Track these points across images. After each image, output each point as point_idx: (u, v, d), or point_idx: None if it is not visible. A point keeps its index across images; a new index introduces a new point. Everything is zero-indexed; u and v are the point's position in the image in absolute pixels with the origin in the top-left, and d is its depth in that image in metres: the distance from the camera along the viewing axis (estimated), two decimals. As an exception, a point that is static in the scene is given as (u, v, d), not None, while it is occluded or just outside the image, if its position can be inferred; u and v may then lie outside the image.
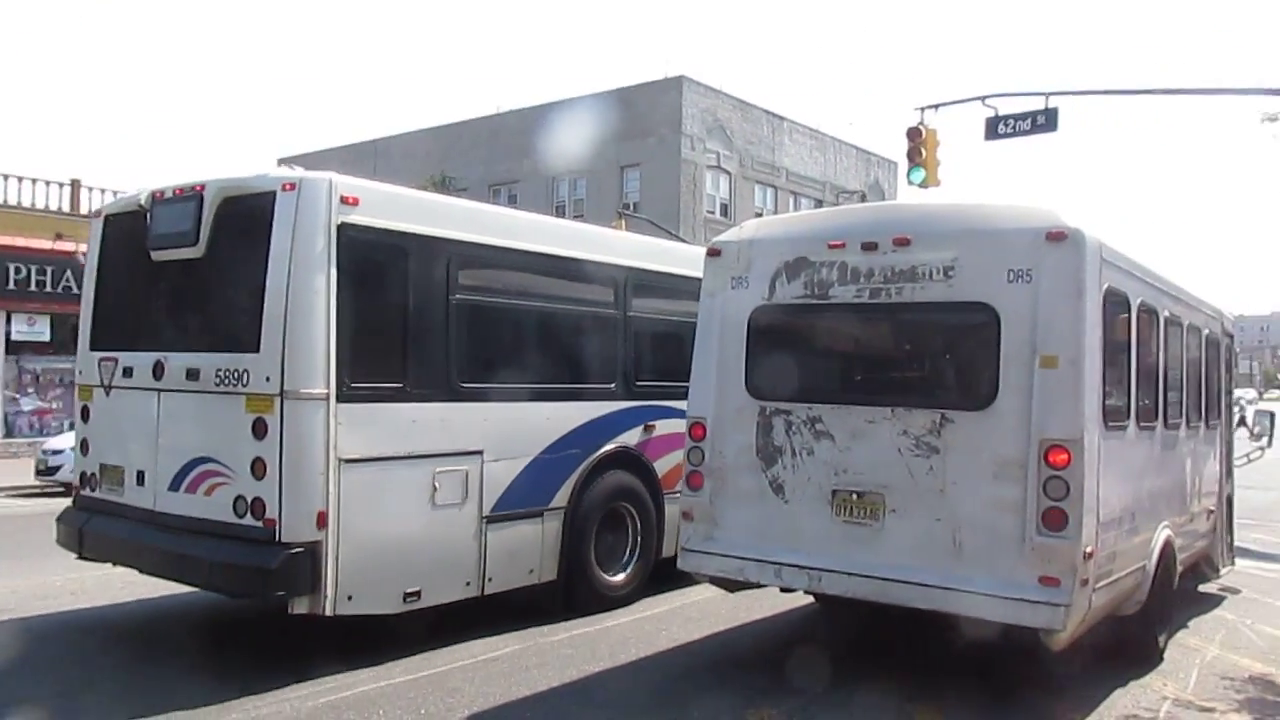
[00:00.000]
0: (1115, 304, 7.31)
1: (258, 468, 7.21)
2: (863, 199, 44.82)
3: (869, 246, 7.40)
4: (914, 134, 19.21)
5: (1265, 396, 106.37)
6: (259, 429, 7.19)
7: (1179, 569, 8.97)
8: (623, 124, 38.37)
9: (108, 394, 8.46)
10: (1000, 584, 6.66)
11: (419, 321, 7.99)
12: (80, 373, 8.78)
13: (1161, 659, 8.42)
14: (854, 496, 7.30)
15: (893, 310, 7.35)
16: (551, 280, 9.26)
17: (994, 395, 6.84)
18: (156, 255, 8.12)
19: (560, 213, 39.30)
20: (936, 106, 19.18)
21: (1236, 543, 12.30)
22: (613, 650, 8.21)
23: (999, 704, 7.18)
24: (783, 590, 8.15)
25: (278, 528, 7.16)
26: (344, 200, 7.44)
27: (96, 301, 8.83)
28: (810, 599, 9.46)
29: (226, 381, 7.40)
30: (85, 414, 8.73)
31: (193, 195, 7.82)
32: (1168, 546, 8.36)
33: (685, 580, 8.63)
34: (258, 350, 7.24)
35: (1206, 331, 10.37)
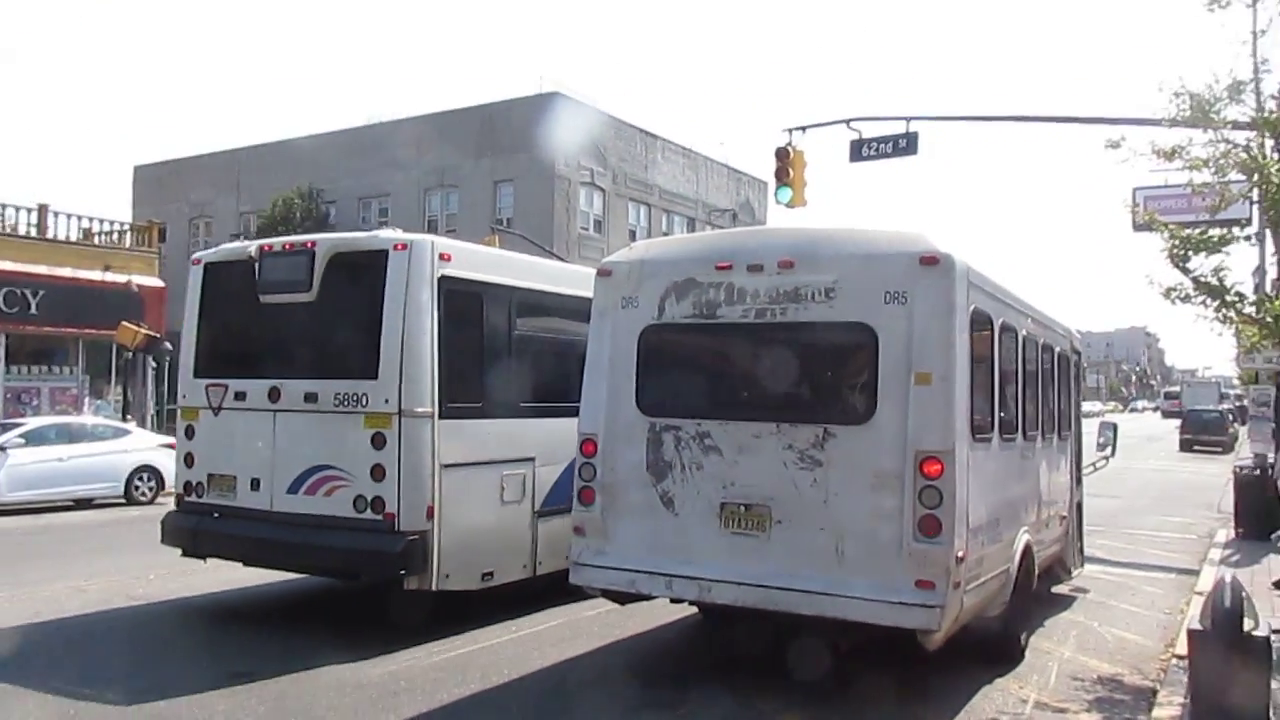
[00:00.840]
0: (980, 324, 7.84)
1: (376, 472, 8.96)
2: (734, 218, 45.79)
3: (755, 268, 7.74)
4: (782, 154, 19.77)
5: (1116, 409, 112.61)
6: (378, 441, 8.98)
7: (1037, 571, 9.59)
8: (496, 138, 38.38)
9: (216, 414, 9.99)
10: (880, 588, 7.05)
11: (492, 352, 9.89)
12: (184, 396, 10.32)
13: (1023, 656, 8.98)
14: (742, 509, 7.60)
15: (778, 329, 7.71)
16: (584, 317, 10.45)
17: (873, 410, 7.25)
18: (266, 299, 9.77)
19: (432, 227, 38.98)
20: (804, 128, 19.79)
21: (1085, 548, 13.16)
22: (484, 673, 8.28)
23: (868, 709, 7.50)
24: (673, 601, 8.40)
25: (396, 520, 8.91)
26: (441, 257, 9.33)
27: (199, 336, 10.38)
28: (685, 614, 9.67)
29: (346, 403, 9.16)
30: (190, 432, 10.21)
31: (304, 250, 9.62)
32: (1028, 550, 8.98)
33: (575, 596, 8.79)
34: (376, 377, 9.03)
35: (1058, 349, 11.15)
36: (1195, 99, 10.42)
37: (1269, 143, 11.29)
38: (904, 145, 18.67)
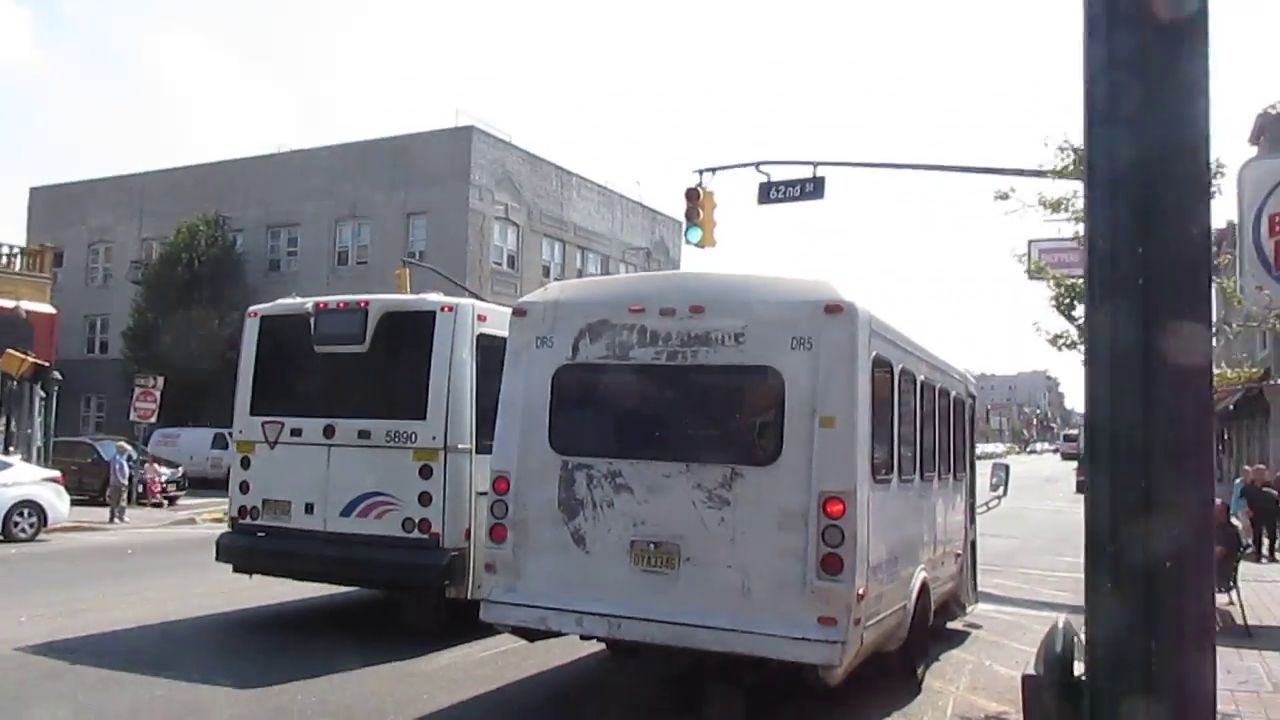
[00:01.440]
0: (882, 369, 8.21)
1: (424, 498, 10.54)
2: (648, 256, 46.27)
3: (667, 312, 8.00)
4: (692, 195, 20.05)
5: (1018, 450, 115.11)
6: (425, 472, 10.57)
7: (934, 607, 9.98)
8: (410, 170, 38.24)
9: (273, 448, 11.49)
10: (785, 625, 7.29)
11: None
12: (240, 432, 11.82)
13: (919, 691, 9.28)
14: (651, 547, 7.79)
15: (688, 372, 7.96)
16: None
17: (779, 451, 7.53)
18: (320, 349, 11.29)
19: (342, 259, 38.58)
20: (714, 170, 20.18)
21: (982, 586, 13.66)
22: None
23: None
24: (583, 638, 8.52)
25: (440, 539, 10.47)
26: (479, 318, 11.03)
27: (255, 379, 11.82)
28: (580, 655, 9.85)
29: (397, 439, 10.74)
30: (246, 463, 11.64)
31: (358, 309, 11.23)
32: (925, 587, 9.34)
33: (482, 631, 8.85)
34: (425, 418, 10.65)
35: (954, 393, 11.66)
36: (1078, 152, 11.05)
37: None
38: (810, 189, 19.22)
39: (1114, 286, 2.91)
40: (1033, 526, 27.33)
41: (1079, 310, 10.80)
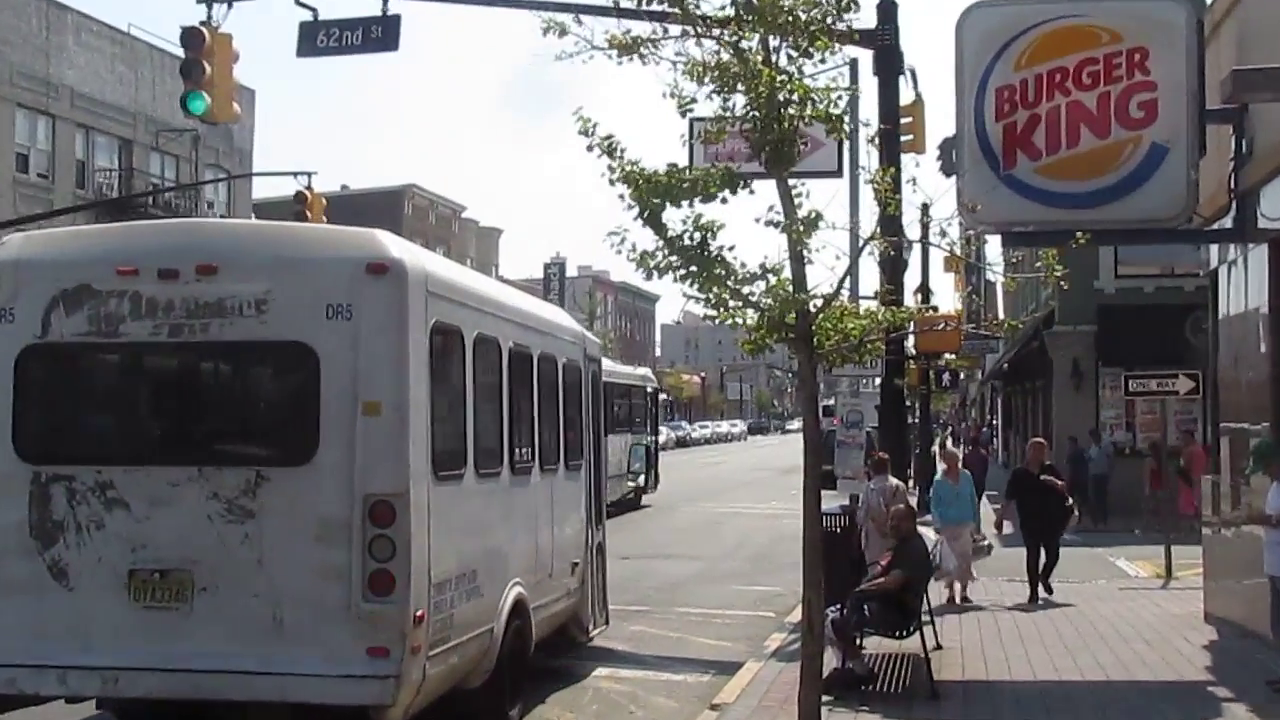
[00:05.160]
0: (447, 339, 8.73)
1: None
2: (197, 141, 40.21)
3: (168, 274, 8.05)
4: (194, 39, 16.00)
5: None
6: None
7: (536, 633, 10.56)
8: None
9: None
10: (327, 662, 7.65)
11: None
12: None
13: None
14: (156, 576, 7.86)
15: (198, 351, 8.12)
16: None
17: (314, 448, 7.86)
18: None
19: None
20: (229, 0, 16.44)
21: (611, 638, 13.38)
22: None
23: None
24: (68, 701, 8.51)
25: None
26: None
27: None
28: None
29: None
30: None
31: None
32: (520, 606, 9.92)
33: None
34: None
35: (563, 359, 12.10)
36: None
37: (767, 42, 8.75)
38: (378, 35, 16.17)
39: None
40: (732, 542, 26.08)
41: (672, 215, 8.67)
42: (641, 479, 16.10)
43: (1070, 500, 17.71)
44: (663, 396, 53.86)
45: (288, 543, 7.69)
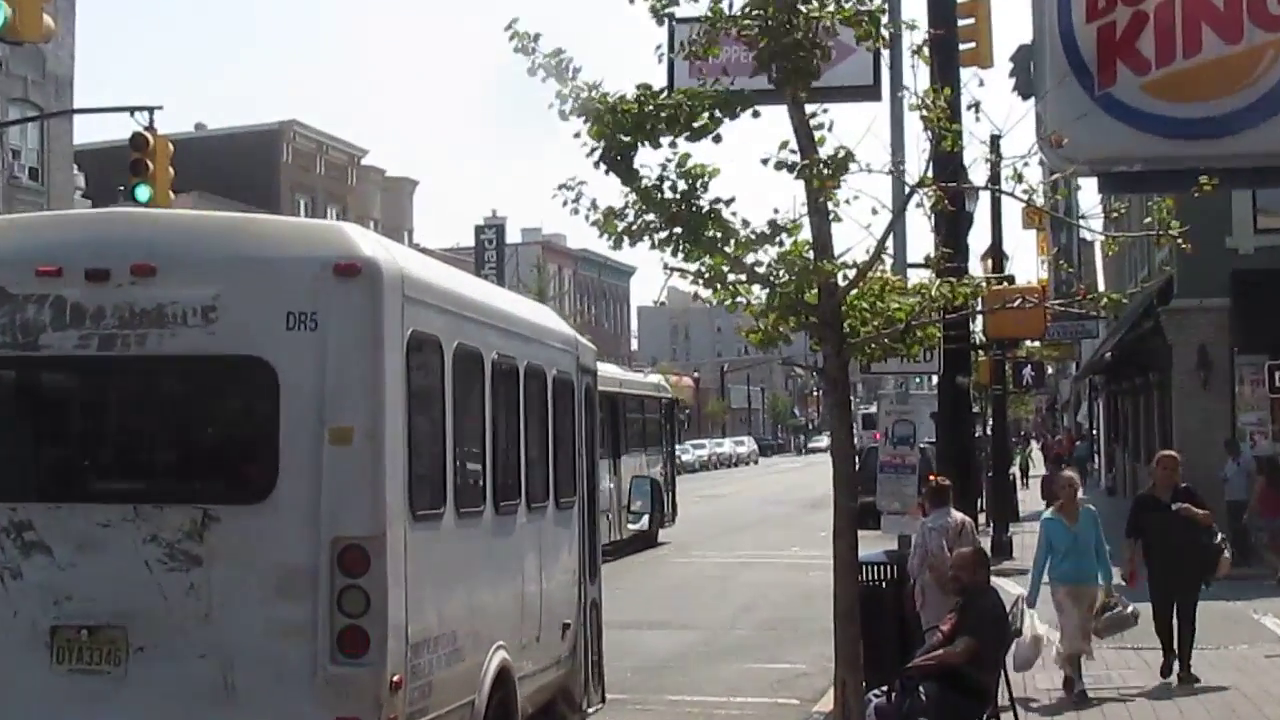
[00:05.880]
0: (426, 352, 8.05)
1: None
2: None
3: (97, 275, 7.40)
4: None
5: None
6: None
7: (521, 709, 9.53)
8: None
9: None
10: None
11: None
12: None
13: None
14: (83, 634, 7.26)
15: (133, 367, 7.53)
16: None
17: (272, 483, 7.24)
18: None
19: None
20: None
21: None
22: None
23: None
24: None
25: None
26: None
27: None
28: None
29: None
30: None
31: None
32: (504, 675, 9.01)
33: None
34: None
35: (554, 371, 10.96)
36: None
37: None
38: None
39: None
40: (736, 602, 21.86)
41: (644, 158, 7.76)
42: (645, 520, 14.34)
43: (1220, 536, 13.46)
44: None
45: (241, 594, 7.14)
